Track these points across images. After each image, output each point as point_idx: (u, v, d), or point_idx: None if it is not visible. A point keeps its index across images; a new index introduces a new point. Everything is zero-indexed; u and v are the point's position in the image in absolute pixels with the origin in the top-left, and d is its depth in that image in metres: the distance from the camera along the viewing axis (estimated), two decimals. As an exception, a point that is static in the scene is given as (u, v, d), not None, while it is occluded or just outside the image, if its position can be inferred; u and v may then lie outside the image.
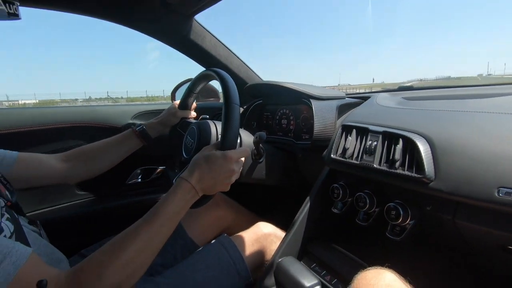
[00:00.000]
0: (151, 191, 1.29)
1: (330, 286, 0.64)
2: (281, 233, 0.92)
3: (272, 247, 0.87)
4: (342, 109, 0.99)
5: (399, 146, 0.61)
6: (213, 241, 0.83)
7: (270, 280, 0.65)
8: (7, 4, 0.57)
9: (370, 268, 0.50)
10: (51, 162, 0.79)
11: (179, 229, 0.91)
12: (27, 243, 0.50)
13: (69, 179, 0.82)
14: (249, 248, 0.82)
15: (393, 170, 0.60)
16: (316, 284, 0.52)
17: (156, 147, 1.07)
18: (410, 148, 0.60)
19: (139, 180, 1.27)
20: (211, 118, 0.93)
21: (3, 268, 0.39)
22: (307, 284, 0.54)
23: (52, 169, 0.79)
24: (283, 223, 0.95)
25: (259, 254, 0.83)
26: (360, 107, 0.96)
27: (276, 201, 1.33)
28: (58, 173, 0.79)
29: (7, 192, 0.60)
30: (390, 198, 0.63)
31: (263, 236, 0.85)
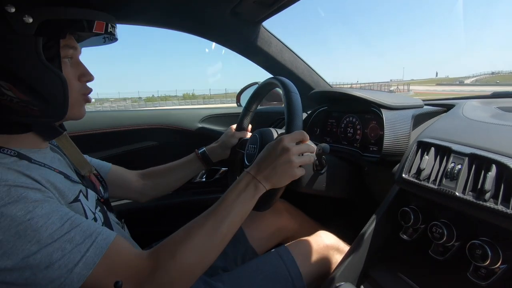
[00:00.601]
0: (214, 191, 1.36)
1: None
2: (343, 246, 0.88)
3: (333, 261, 0.84)
4: (419, 120, 0.89)
5: (492, 173, 0.52)
6: (272, 250, 0.83)
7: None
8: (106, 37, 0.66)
9: None
10: (132, 179, 0.90)
11: (241, 235, 0.94)
12: None
13: (141, 197, 0.92)
14: (308, 259, 0.80)
15: (481, 202, 0.51)
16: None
17: None
18: (507, 177, 0.50)
19: (204, 179, 1.35)
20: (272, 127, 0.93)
21: (97, 242, 0.46)
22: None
23: (132, 185, 0.89)
24: (347, 237, 0.90)
25: (318, 267, 0.81)
26: (442, 119, 0.84)
27: (341, 213, 1.27)
28: (135, 190, 0.89)
29: (101, 189, 0.70)
30: (476, 233, 0.53)
31: (324, 248, 0.83)
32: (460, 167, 0.57)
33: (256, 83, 1.42)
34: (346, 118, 1.07)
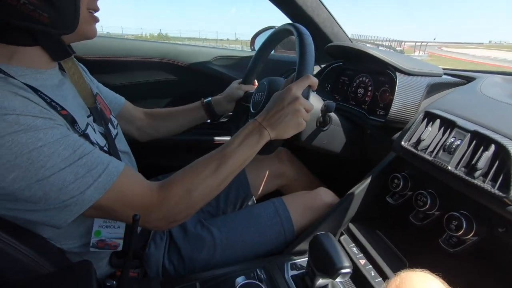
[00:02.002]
0: (218, 133, 1.38)
1: (363, 270, 0.64)
2: None
3: None
4: (434, 89, 0.85)
5: (488, 152, 0.52)
6: (270, 201, 0.84)
7: (304, 247, 0.69)
8: None
9: (417, 270, 0.46)
10: (137, 116, 0.92)
11: (243, 178, 0.97)
12: None
13: (141, 136, 0.94)
14: (304, 215, 0.80)
15: (470, 179, 0.52)
16: (347, 267, 0.53)
17: None
18: (502, 157, 0.50)
19: (208, 121, 1.37)
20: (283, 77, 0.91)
21: (108, 169, 0.48)
22: (341, 264, 0.55)
23: (136, 123, 0.91)
24: (343, 194, 0.94)
25: (312, 222, 0.80)
26: (456, 91, 0.81)
27: (340, 170, 1.31)
28: (137, 127, 0.92)
29: (111, 117, 0.71)
30: (455, 206, 0.56)
31: (322, 205, 0.82)
32: (460, 142, 0.58)
33: (272, 27, 1.34)
34: (359, 78, 1.03)
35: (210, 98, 0.99)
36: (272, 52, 1.13)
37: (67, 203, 0.44)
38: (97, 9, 0.56)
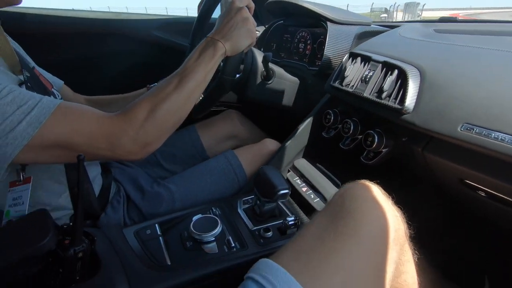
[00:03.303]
0: None
1: (304, 195, 0.73)
2: None
3: None
4: (363, 36, 0.94)
5: (392, 77, 0.61)
6: (220, 154, 0.90)
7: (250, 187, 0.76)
8: None
9: (355, 181, 0.51)
10: (79, 102, 0.86)
11: (199, 145, 1.01)
12: None
13: None
14: (253, 162, 0.88)
15: (378, 100, 0.62)
16: (285, 188, 0.61)
17: None
18: (402, 79, 0.60)
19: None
20: None
21: (42, 102, 0.46)
22: (279, 187, 0.63)
23: None
24: None
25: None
26: (379, 36, 0.91)
27: (287, 122, 1.39)
28: None
29: (54, 90, 0.70)
30: (373, 127, 0.66)
31: (268, 152, 0.89)
32: (372, 73, 0.67)
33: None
34: (299, 33, 1.10)
35: (155, 84, 0.99)
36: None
37: None
38: None
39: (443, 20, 1.17)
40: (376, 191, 0.49)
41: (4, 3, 0.56)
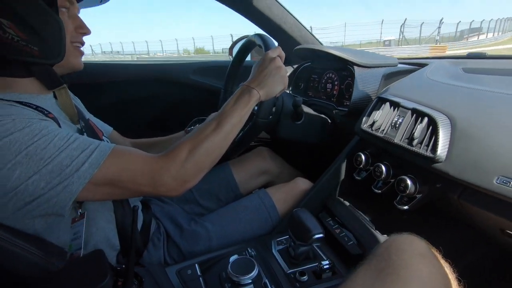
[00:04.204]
0: None
1: (338, 237, 0.74)
2: None
3: None
4: (390, 77, 0.98)
5: (422, 124, 0.63)
6: (254, 193, 0.94)
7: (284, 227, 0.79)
8: None
9: (401, 234, 0.51)
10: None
11: (233, 182, 1.05)
12: None
13: None
14: (285, 201, 0.90)
15: (409, 147, 0.64)
16: (319, 232, 0.63)
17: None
18: (432, 128, 0.62)
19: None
20: None
21: (101, 146, 0.53)
22: (314, 231, 0.65)
23: None
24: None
25: (293, 207, 0.89)
26: (406, 78, 0.94)
27: (316, 159, 1.42)
28: None
29: (104, 138, 0.79)
30: (405, 172, 0.67)
31: (300, 192, 0.92)
32: (402, 119, 0.69)
33: (246, 36, 1.46)
34: (326, 74, 1.16)
35: (193, 127, 1.05)
36: (249, 58, 1.24)
37: (66, 183, 0.49)
38: (82, 43, 0.65)
39: (471, 56, 1.18)
40: (424, 246, 0.48)
41: (69, 69, 0.65)
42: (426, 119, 0.64)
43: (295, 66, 1.33)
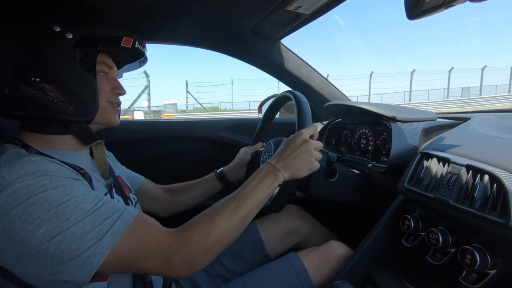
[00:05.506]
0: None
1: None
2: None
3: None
4: (430, 131, 0.91)
5: (483, 183, 0.55)
6: (284, 257, 0.85)
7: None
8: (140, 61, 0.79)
9: None
10: (159, 194, 0.98)
11: (259, 241, 0.98)
12: None
13: (163, 212, 0.98)
14: (319, 268, 0.81)
15: (472, 210, 0.54)
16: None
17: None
18: (497, 187, 0.53)
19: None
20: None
21: (123, 215, 0.52)
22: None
23: (157, 201, 0.97)
24: (356, 243, 0.93)
25: (328, 275, 0.81)
26: (451, 131, 0.87)
27: (352, 219, 1.30)
28: (159, 205, 0.97)
29: (130, 195, 0.78)
30: (468, 239, 0.56)
31: (335, 258, 0.83)
32: (456, 176, 0.61)
33: (275, 94, 1.50)
34: (359, 130, 1.11)
35: (222, 168, 1.05)
36: (278, 115, 1.25)
37: (87, 253, 0.47)
38: (118, 102, 0.69)
39: (518, 109, 1.10)
40: None
41: (106, 125, 0.69)
42: (486, 177, 0.55)
43: (325, 122, 1.31)
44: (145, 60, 0.81)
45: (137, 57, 0.78)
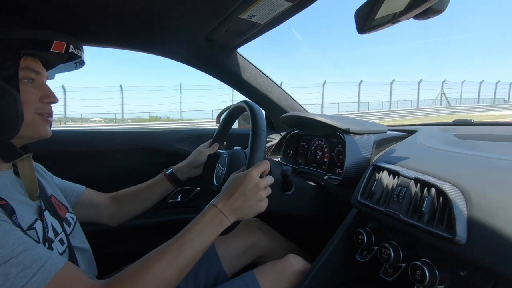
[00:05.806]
0: (190, 211, 1.35)
1: None
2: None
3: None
4: (381, 144, 0.93)
5: (430, 196, 0.55)
6: (239, 277, 0.81)
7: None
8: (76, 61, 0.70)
9: None
10: (104, 203, 0.89)
11: (214, 256, 0.93)
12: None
13: (112, 221, 0.91)
14: (275, 285, 0.78)
15: (420, 224, 0.54)
16: None
17: None
18: (443, 200, 0.53)
19: (179, 199, 1.35)
20: (244, 148, 0.96)
21: (45, 267, 0.45)
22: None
23: (103, 209, 0.89)
24: (315, 255, 0.90)
25: None
26: (400, 144, 0.89)
27: (312, 232, 1.28)
28: (106, 213, 0.89)
29: (67, 216, 0.69)
30: (419, 254, 0.56)
31: (292, 273, 0.80)
32: (405, 190, 0.61)
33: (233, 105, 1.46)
34: (315, 141, 1.11)
35: (171, 168, 0.99)
36: (236, 126, 1.21)
37: None
38: (49, 112, 0.60)
39: (458, 123, 1.18)
40: None
41: (35, 139, 0.60)
42: (433, 190, 0.55)
43: (282, 134, 1.29)
44: (82, 63, 0.73)
45: (72, 59, 0.70)
